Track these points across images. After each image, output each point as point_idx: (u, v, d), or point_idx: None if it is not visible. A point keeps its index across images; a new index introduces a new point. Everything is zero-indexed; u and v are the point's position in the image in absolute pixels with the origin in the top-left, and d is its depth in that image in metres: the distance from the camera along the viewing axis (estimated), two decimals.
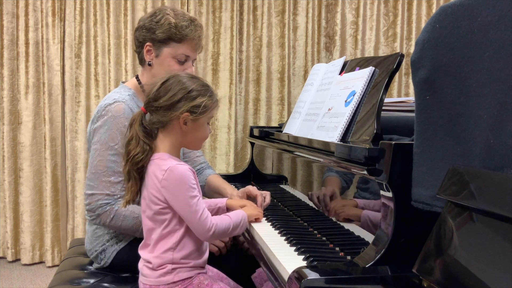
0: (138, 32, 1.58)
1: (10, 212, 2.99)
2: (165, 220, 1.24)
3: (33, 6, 2.93)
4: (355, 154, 1.09)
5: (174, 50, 1.55)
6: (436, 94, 0.90)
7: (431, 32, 0.92)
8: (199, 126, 1.27)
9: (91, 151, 1.51)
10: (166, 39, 1.53)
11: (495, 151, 0.77)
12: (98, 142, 1.48)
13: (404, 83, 3.17)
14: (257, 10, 3.09)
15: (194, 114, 1.23)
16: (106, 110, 1.49)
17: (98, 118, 1.50)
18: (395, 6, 3.12)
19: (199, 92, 1.24)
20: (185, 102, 1.22)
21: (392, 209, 0.97)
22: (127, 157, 1.25)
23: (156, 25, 1.53)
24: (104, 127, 1.48)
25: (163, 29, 1.52)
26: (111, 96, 1.54)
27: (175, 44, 1.55)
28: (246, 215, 1.34)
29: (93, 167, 1.49)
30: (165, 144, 1.27)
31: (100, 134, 1.48)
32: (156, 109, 1.24)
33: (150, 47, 1.56)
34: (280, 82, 3.10)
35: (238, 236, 1.60)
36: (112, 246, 1.54)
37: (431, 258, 0.79)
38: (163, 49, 1.55)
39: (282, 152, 1.77)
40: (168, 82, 1.24)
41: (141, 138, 1.24)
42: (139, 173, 1.26)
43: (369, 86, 1.34)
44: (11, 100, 2.97)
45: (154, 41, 1.55)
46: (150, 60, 1.57)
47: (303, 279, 0.90)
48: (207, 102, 1.24)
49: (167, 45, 1.54)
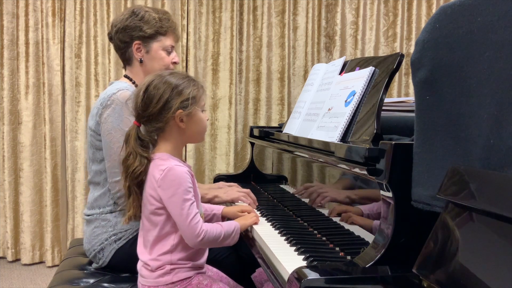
0: (121, 34, 1.63)
1: (10, 212, 2.99)
2: (160, 222, 1.23)
3: (33, 6, 2.93)
4: (355, 154, 1.09)
5: (162, 43, 1.64)
6: (436, 94, 0.90)
7: (431, 32, 0.92)
8: (196, 118, 1.27)
9: (105, 141, 1.51)
10: (154, 34, 1.62)
11: (495, 151, 0.77)
12: (112, 130, 1.48)
13: (404, 83, 3.17)
14: (257, 10, 3.09)
15: (186, 108, 1.23)
16: (111, 100, 1.50)
17: (103, 109, 1.50)
18: (395, 6, 3.12)
19: (184, 85, 1.24)
20: (175, 99, 1.22)
21: (392, 209, 0.97)
22: (126, 172, 1.25)
23: (142, 23, 1.61)
24: (114, 115, 1.48)
25: (149, 24, 1.61)
26: (111, 89, 1.55)
27: (162, 37, 1.64)
28: (239, 226, 1.32)
29: (113, 154, 1.49)
30: (167, 146, 1.27)
31: (111, 122, 1.49)
32: (149, 118, 1.23)
33: (139, 45, 1.63)
34: (280, 82, 3.10)
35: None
36: (110, 245, 1.54)
37: (431, 258, 0.79)
38: (152, 44, 1.63)
39: (282, 152, 1.77)
40: (150, 87, 1.23)
41: (138, 153, 1.23)
42: (139, 187, 1.26)
43: (369, 86, 1.34)
44: (11, 100, 2.97)
45: (143, 38, 1.62)
46: (141, 57, 1.64)
47: (303, 279, 0.90)
48: (194, 92, 1.24)
49: (155, 39, 1.63)
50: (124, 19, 1.62)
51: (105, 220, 1.56)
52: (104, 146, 1.52)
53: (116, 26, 1.63)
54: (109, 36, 1.70)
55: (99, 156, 1.55)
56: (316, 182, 1.44)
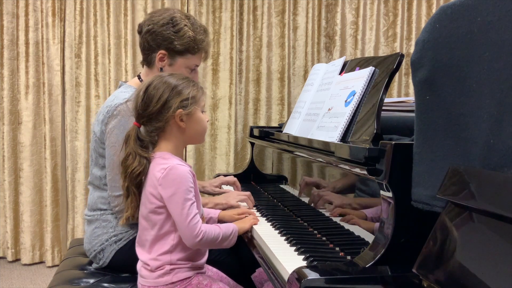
0: (150, 36, 1.56)
1: (10, 212, 2.99)
2: (160, 221, 1.23)
3: (33, 6, 2.93)
4: (355, 154, 1.09)
5: (188, 61, 1.60)
6: (436, 94, 0.90)
7: (431, 32, 0.92)
8: (196, 119, 1.27)
9: (108, 153, 1.49)
10: (183, 51, 1.57)
11: (495, 151, 0.77)
12: (116, 143, 1.46)
13: (404, 83, 3.17)
14: (257, 10, 3.09)
15: (186, 108, 1.24)
16: (118, 110, 1.47)
17: (109, 119, 1.48)
18: (395, 6, 3.12)
19: (183, 85, 1.25)
20: (174, 98, 1.23)
21: (392, 209, 0.97)
22: (125, 172, 1.25)
23: (175, 36, 1.54)
24: (120, 128, 1.46)
25: (182, 41, 1.55)
26: (120, 96, 1.52)
27: (190, 56, 1.59)
28: (237, 229, 1.32)
29: (115, 168, 1.46)
30: (168, 146, 1.27)
31: (115, 135, 1.47)
32: (149, 117, 1.24)
33: (163, 55, 1.57)
34: (280, 82, 3.10)
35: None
36: (111, 245, 1.54)
37: (431, 258, 0.79)
38: (177, 59, 1.58)
39: (282, 152, 1.77)
40: (150, 88, 1.24)
41: (138, 153, 1.24)
42: (137, 188, 1.26)
43: (369, 86, 1.34)
44: (11, 100, 2.97)
45: (171, 51, 1.56)
46: (162, 66, 1.59)
47: (303, 279, 0.90)
48: (193, 92, 1.25)
49: (183, 56, 1.58)
50: (159, 24, 1.55)
51: (106, 220, 1.56)
52: (107, 158, 1.50)
53: (149, 25, 1.56)
54: (138, 30, 1.61)
55: (101, 162, 1.55)
56: (318, 180, 1.44)
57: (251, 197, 1.63)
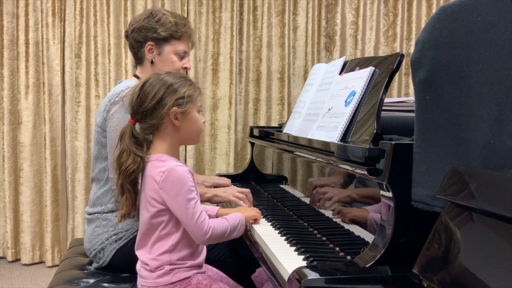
0: (136, 33, 1.65)
1: (10, 212, 2.99)
2: (162, 223, 1.23)
3: (33, 6, 2.93)
4: (355, 154, 1.09)
5: (175, 47, 1.66)
6: (436, 94, 0.90)
7: (431, 32, 0.92)
8: (191, 118, 1.27)
9: (110, 136, 1.52)
10: (168, 37, 1.64)
11: (495, 151, 0.77)
12: (118, 126, 1.48)
13: (404, 83, 3.17)
14: (257, 10, 3.09)
15: (181, 106, 1.23)
16: (119, 97, 1.52)
17: (111, 106, 1.52)
18: (395, 6, 3.12)
19: (179, 84, 1.25)
20: (169, 96, 1.22)
21: (392, 209, 0.97)
22: (119, 170, 1.24)
23: (157, 24, 1.63)
24: (121, 112, 1.49)
25: (165, 27, 1.63)
26: (120, 86, 1.58)
27: (175, 41, 1.66)
28: (243, 217, 1.33)
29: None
30: (163, 145, 1.27)
31: (117, 118, 1.50)
32: (144, 114, 1.23)
33: (152, 46, 1.65)
34: (280, 82, 3.10)
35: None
36: (111, 244, 1.54)
37: (431, 258, 0.79)
38: (165, 47, 1.65)
39: (282, 152, 1.77)
40: (146, 85, 1.24)
41: (132, 151, 1.23)
42: (132, 186, 1.25)
43: (369, 86, 1.34)
44: (11, 100, 2.97)
45: (156, 40, 1.64)
46: (152, 58, 1.66)
47: (303, 279, 0.90)
48: (189, 91, 1.25)
49: (169, 42, 1.65)
50: (141, 20, 1.65)
51: (106, 219, 1.56)
52: (108, 142, 1.53)
53: (133, 25, 1.67)
54: (125, 35, 1.73)
55: (104, 154, 1.57)
56: (319, 180, 1.44)
57: (249, 195, 1.63)
